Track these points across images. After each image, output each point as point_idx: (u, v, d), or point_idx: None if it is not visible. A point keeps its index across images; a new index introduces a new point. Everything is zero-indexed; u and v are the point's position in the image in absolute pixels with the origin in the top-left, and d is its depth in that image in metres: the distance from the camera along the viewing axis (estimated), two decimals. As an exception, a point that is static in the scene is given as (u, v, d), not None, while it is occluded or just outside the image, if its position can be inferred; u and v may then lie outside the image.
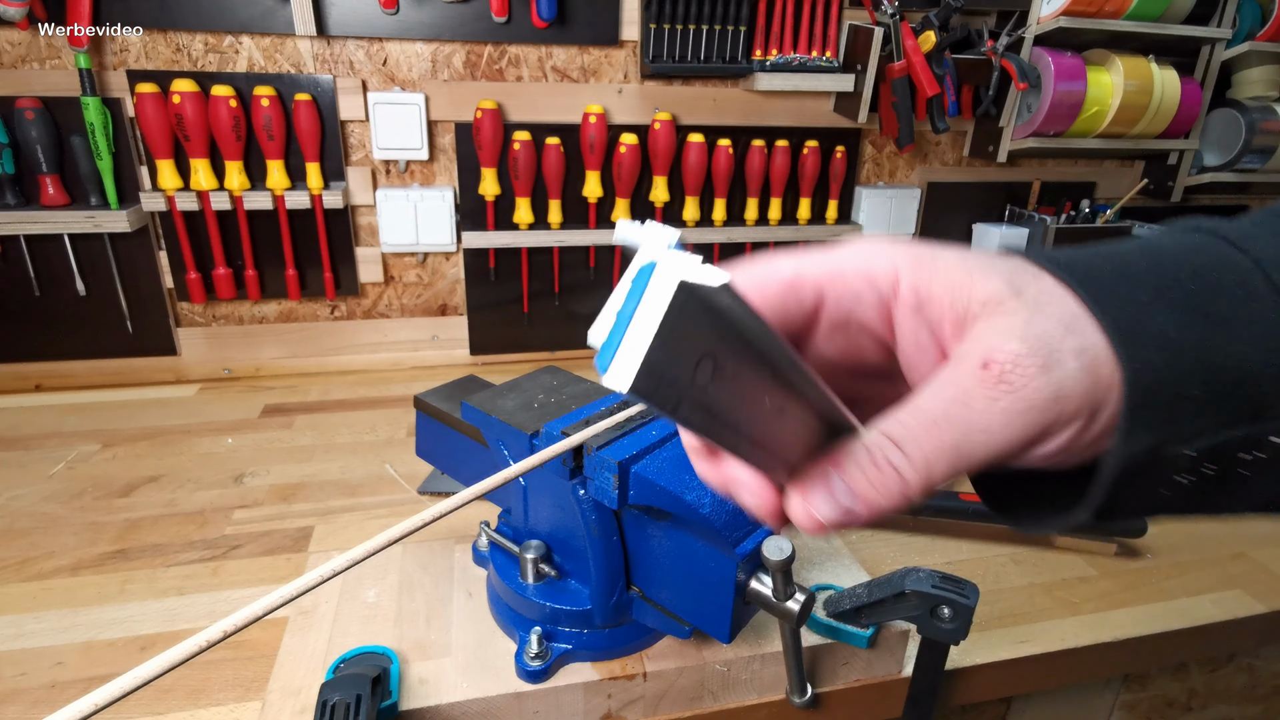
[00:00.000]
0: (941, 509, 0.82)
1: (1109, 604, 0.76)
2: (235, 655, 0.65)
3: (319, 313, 1.25)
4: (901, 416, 0.23)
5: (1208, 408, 0.23)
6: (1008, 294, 0.23)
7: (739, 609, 0.52)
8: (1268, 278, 0.24)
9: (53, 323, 1.14)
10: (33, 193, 1.07)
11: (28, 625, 0.68)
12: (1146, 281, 0.24)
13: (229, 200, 1.09)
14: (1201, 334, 0.23)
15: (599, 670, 0.58)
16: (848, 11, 1.22)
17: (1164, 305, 0.23)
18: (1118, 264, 0.24)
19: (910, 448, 0.22)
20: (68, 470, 0.94)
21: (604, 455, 0.49)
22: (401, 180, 1.20)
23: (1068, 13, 1.20)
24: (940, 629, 0.55)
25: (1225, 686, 0.88)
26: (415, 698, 0.55)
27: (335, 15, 1.07)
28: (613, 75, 1.20)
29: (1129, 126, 1.29)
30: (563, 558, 0.60)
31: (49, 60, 1.02)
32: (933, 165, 1.41)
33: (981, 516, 0.81)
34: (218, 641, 0.31)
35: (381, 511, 0.87)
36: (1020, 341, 0.22)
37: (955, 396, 0.22)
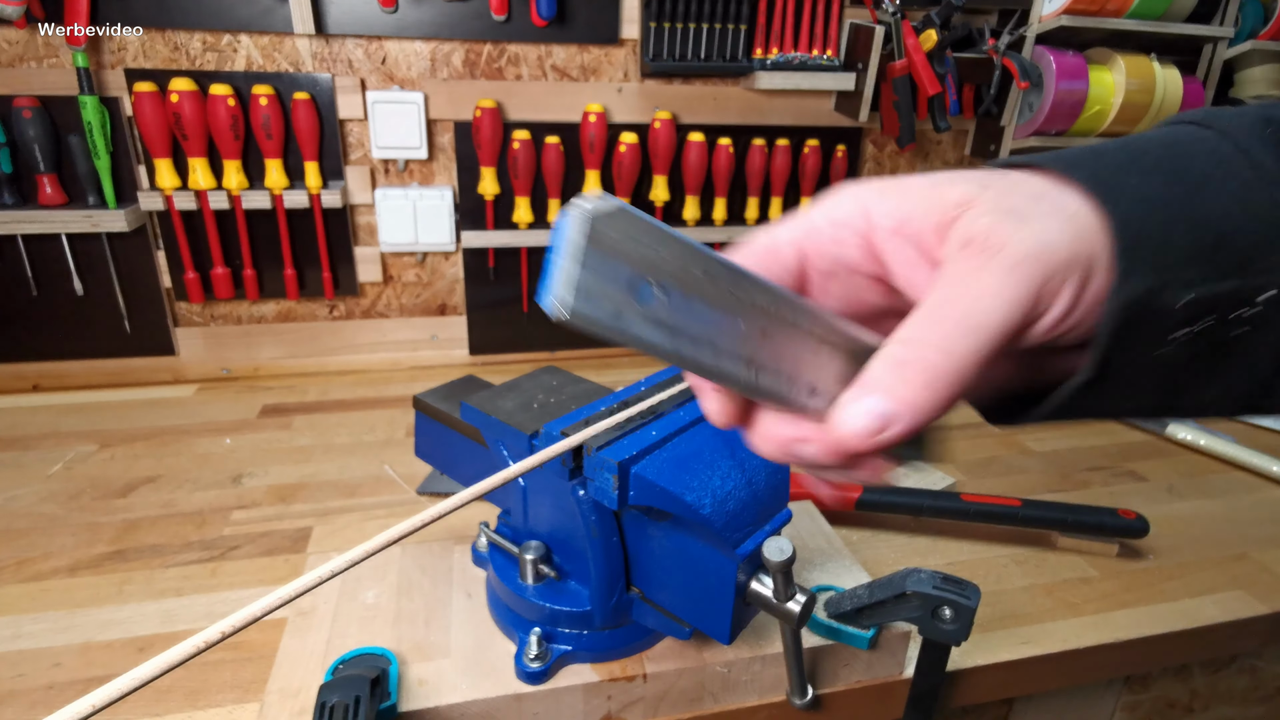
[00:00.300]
0: (944, 509, 0.81)
1: (1111, 605, 0.75)
2: (234, 656, 0.64)
3: (317, 312, 1.24)
4: (909, 319, 0.24)
5: (1195, 257, 0.23)
6: (977, 190, 0.24)
7: (739, 610, 0.52)
8: (1237, 146, 0.25)
9: (50, 322, 1.14)
10: (30, 192, 1.07)
11: (25, 626, 0.68)
12: (1118, 156, 0.25)
13: (227, 199, 1.09)
14: (1179, 192, 0.23)
15: (599, 671, 0.58)
16: (849, 10, 1.22)
17: (1139, 171, 0.24)
18: (1089, 150, 0.25)
19: (923, 334, 0.23)
20: (65, 470, 0.93)
21: (604, 455, 0.49)
22: (400, 179, 1.19)
23: (1069, 11, 1.19)
24: (941, 630, 0.55)
25: (1227, 688, 0.88)
26: (414, 699, 0.55)
27: (334, 14, 1.07)
28: (612, 74, 1.20)
29: (1131, 125, 1.29)
30: (562, 558, 0.59)
31: (46, 59, 1.02)
32: (934, 164, 1.41)
33: (985, 517, 0.81)
34: (216, 643, 0.31)
35: (380, 512, 0.86)
36: (992, 214, 0.23)
37: (949, 281, 0.23)
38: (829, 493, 0.82)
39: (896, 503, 0.82)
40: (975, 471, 1.00)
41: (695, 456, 0.51)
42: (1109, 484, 0.98)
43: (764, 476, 0.54)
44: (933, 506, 0.81)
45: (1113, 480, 0.99)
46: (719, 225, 1.29)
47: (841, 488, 0.82)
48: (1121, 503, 0.94)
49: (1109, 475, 1.00)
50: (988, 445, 1.07)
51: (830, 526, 0.75)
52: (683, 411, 0.54)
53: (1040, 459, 1.04)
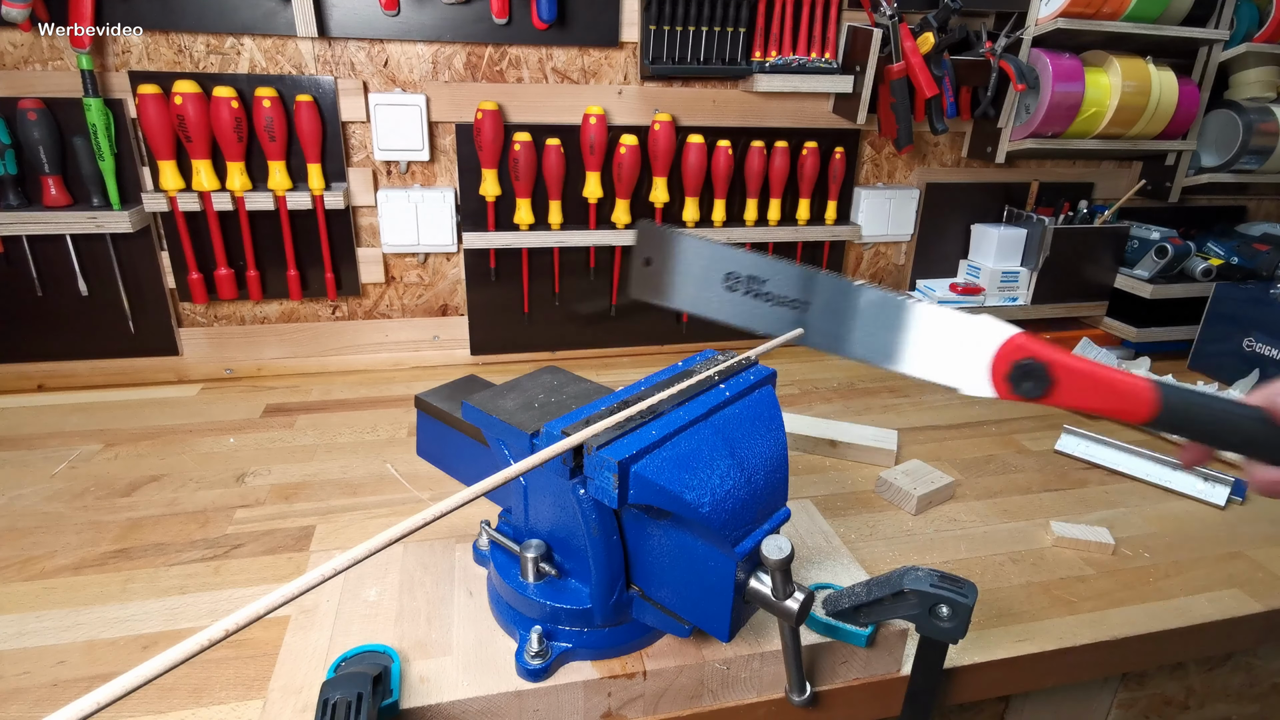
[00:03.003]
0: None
1: (1107, 603, 0.76)
2: (237, 654, 0.65)
3: (320, 313, 1.25)
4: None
5: None
6: None
7: (738, 608, 0.53)
8: None
9: (55, 323, 1.15)
10: (35, 193, 1.07)
11: (30, 624, 0.68)
12: None
13: (230, 201, 1.10)
14: None
15: (599, 669, 0.58)
16: (846, 13, 1.22)
17: None
18: None
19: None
20: (70, 470, 0.94)
21: (604, 455, 0.50)
22: (402, 181, 1.20)
23: (1066, 14, 1.20)
24: (939, 628, 0.55)
25: (1223, 685, 0.89)
26: (416, 696, 0.55)
27: (336, 17, 1.08)
28: (613, 76, 1.21)
29: (1127, 127, 1.29)
30: (563, 557, 0.60)
31: (51, 61, 1.03)
32: (931, 166, 1.42)
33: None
34: (219, 640, 0.31)
35: (382, 511, 0.87)
36: None
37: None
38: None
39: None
40: (972, 470, 1.00)
41: (695, 456, 0.52)
42: (1105, 483, 0.99)
43: (763, 475, 0.54)
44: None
45: (1109, 479, 1.00)
46: (718, 226, 1.29)
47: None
48: (1120, 501, 0.94)
49: (1105, 474, 1.01)
50: (985, 445, 1.08)
51: (828, 525, 0.76)
52: (682, 411, 0.55)
53: (1037, 458, 1.04)
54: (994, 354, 0.52)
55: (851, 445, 1.02)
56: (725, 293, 0.61)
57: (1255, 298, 1.30)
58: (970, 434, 1.11)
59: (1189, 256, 1.38)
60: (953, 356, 0.54)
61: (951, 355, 0.54)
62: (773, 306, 0.59)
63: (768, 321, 0.60)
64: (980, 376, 0.53)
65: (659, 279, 0.63)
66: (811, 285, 0.58)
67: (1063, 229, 1.35)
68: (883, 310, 0.55)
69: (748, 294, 0.60)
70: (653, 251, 0.63)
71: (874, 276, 1.48)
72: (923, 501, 0.90)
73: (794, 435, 1.03)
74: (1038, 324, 1.47)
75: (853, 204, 1.38)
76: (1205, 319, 1.37)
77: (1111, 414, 0.50)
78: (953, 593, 0.54)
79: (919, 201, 1.41)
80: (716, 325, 0.62)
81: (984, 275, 1.41)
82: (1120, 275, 1.42)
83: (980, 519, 0.90)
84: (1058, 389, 0.51)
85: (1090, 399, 0.50)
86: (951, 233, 1.46)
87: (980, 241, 1.44)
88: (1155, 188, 1.45)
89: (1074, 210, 1.42)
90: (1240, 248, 1.41)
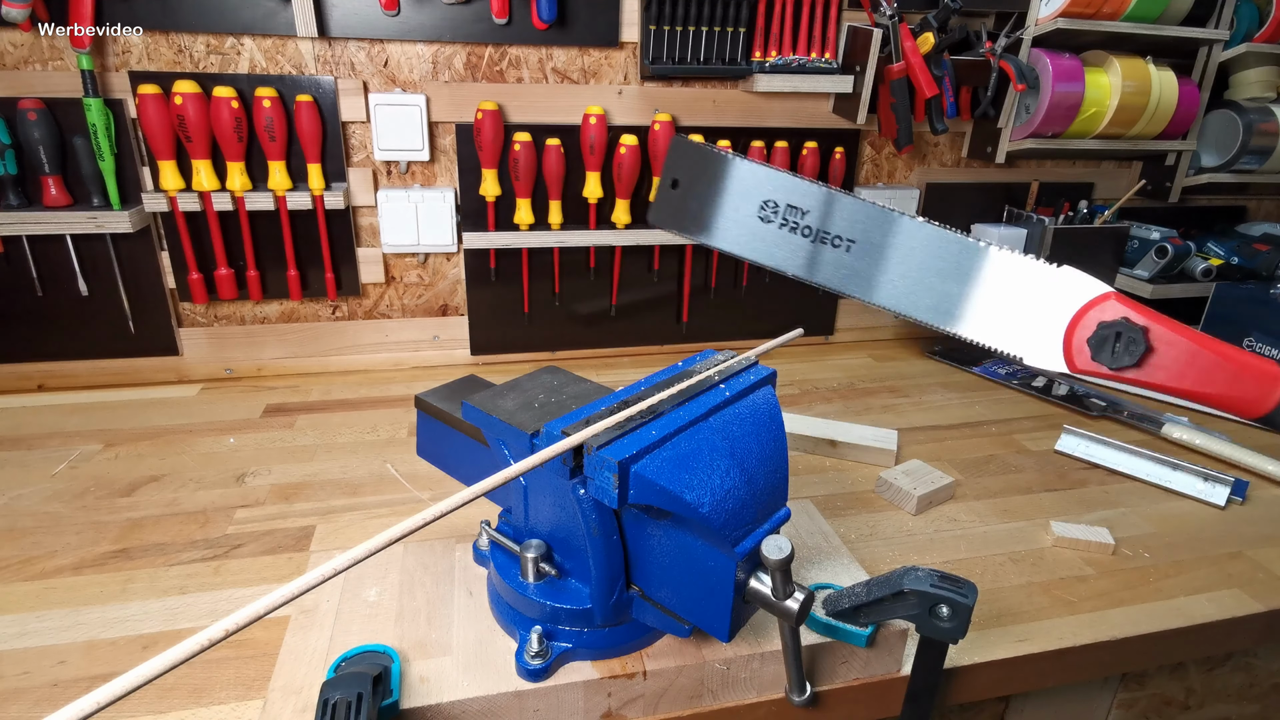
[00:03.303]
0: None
1: (1107, 603, 0.76)
2: (237, 654, 0.65)
3: (320, 313, 1.25)
4: None
5: None
6: None
7: (738, 608, 0.53)
8: None
9: (55, 323, 1.15)
10: (35, 193, 1.07)
11: (30, 624, 0.68)
12: None
13: (231, 201, 1.10)
14: None
15: (599, 669, 0.58)
16: (846, 13, 1.22)
17: None
18: None
19: None
20: (70, 470, 0.94)
21: (604, 455, 0.50)
22: (402, 181, 1.20)
23: (1066, 14, 1.20)
24: (939, 628, 0.55)
25: (1223, 685, 0.89)
26: (416, 696, 0.55)
27: (336, 17, 1.08)
28: (613, 76, 1.21)
29: (1127, 127, 1.29)
30: (563, 557, 0.60)
31: (51, 61, 1.03)
32: (931, 166, 1.42)
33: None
34: (219, 640, 0.31)
35: (383, 511, 0.87)
36: None
37: None
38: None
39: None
40: (972, 470, 1.00)
41: (695, 455, 0.52)
42: (1104, 483, 0.99)
43: (763, 475, 0.55)
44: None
45: (1108, 479, 1.00)
46: (718, 227, 1.29)
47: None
48: (1120, 501, 0.94)
49: (1105, 474, 1.01)
50: (985, 445, 1.08)
51: (828, 525, 0.76)
52: (683, 411, 0.55)
53: (1036, 458, 1.04)
54: (1074, 313, 0.43)
55: (851, 445, 1.02)
56: (759, 224, 0.54)
57: (1255, 298, 1.30)
58: (970, 434, 1.11)
59: (1189, 256, 1.38)
60: (1023, 316, 0.45)
61: (1022, 314, 0.45)
62: (812, 244, 0.52)
63: (799, 262, 0.53)
64: (1052, 342, 0.44)
65: (684, 205, 0.56)
66: (861, 220, 0.50)
67: (1063, 229, 1.35)
68: (946, 255, 0.47)
69: (783, 226, 0.53)
70: (683, 172, 0.56)
71: (874, 276, 1.48)
72: (923, 501, 0.90)
73: (794, 435, 1.03)
74: (1038, 324, 1.47)
75: (853, 204, 1.38)
76: (1205, 319, 1.37)
77: (1217, 401, 0.40)
78: (953, 593, 0.54)
79: (919, 201, 1.41)
80: (717, 325, 0.61)
81: (984, 275, 1.40)
82: (1120, 275, 1.42)
83: (980, 519, 0.90)
84: (1153, 361, 0.42)
85: (1192, 378, 0.40)
86: (951, 233, 1.46)
87: (980, 241, 1.44)
88: (1155, 188, 1.45)
89: (1074, 210, 1.42)
90: (1240, 248, 1.41)
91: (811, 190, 0.52)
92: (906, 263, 0.48)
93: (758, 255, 0.55)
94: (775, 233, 0.54)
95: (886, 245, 0.49)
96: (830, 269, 0.52)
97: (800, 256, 0.53)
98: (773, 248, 0.54)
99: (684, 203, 0.57)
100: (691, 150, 0.56)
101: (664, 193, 0.58)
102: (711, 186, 0.55)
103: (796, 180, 0.53)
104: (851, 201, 0.51)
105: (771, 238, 0.54)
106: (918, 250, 0.48)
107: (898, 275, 0.49)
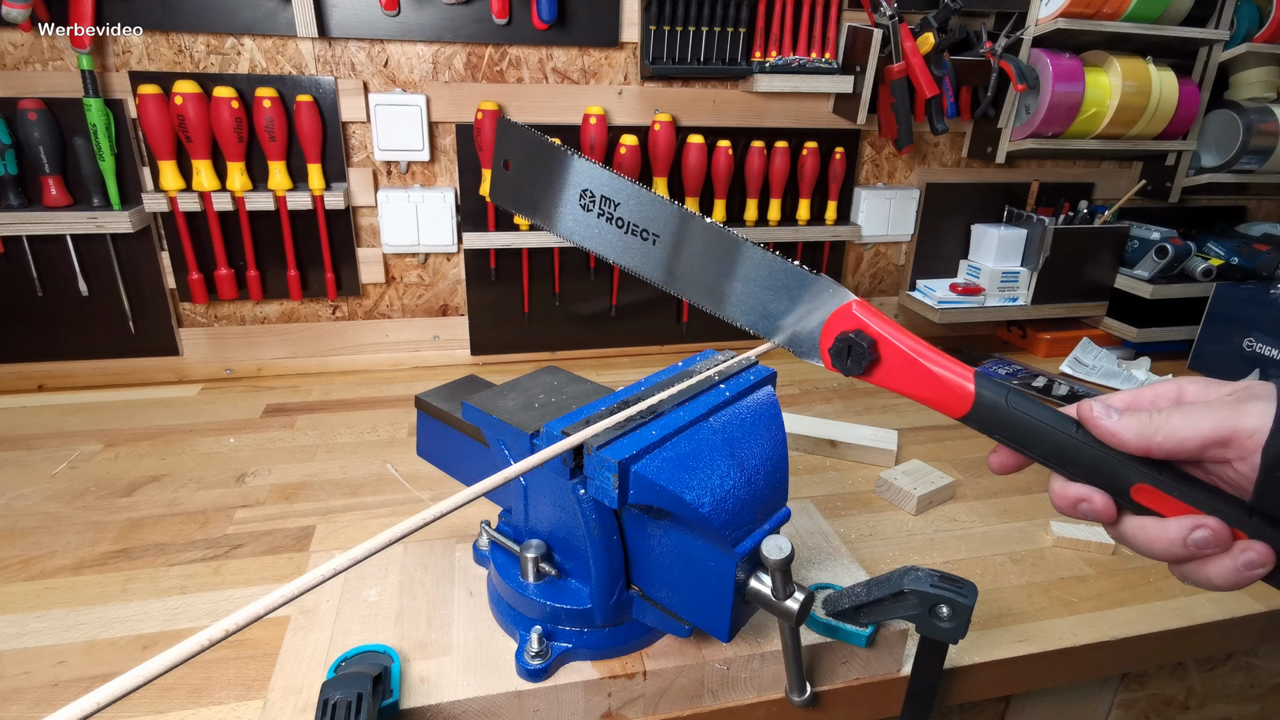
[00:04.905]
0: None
1: (1107, 603, 0.76)
2: (237, 654, 0.65)
3: (320, 313, 1.25)
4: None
5: None
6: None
7: (738, 608, 0.53)
8: None
9: (55, 323, 1.15)
10: (35, 193, 1.07)
11: (30, 624, 0.68)
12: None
13: (231, 201, 1.10)
14: None
15: (599, 669, 0.58)
16: (847, 13, 1.22)
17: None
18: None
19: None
20: (70, 470, 0.94)
21: (604, 455, 0.50)
22: (403, 181, 1.20)
23: (1066, 14, 1.20)
24: (939, 628, 0.55)
25: (1223, 685, 0.89)
26: (416, 696, 0.55)
27: (337, 17, 1.08)
28: (613, 77, 1.21)
29: (1127, 128, 1.29)
30: (563, 557, 0.60)
31: (51, 61, 1.03)
32: (931, 166, 1.42)
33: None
34: (219, 640, 0.31)
35: (383, 511, 0.87)
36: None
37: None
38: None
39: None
40: (972, 470, 1.00)
41: (695, 456, 0.52)
42: (1106, 484, 0.98)
43: (763, 475, 0.55)
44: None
45: (1110, 480, 0.99)
46: (719, 227, 1.29)
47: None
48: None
49: (1106, 475, 1.01)
50: (986, 445, 1.07)
51: (828, 525, 0.76)
52: (683, 411, 0.55)
53: (1038, 459, 1.04)
54: (825, 320, 0.49)
55: (851, 445, 1.02)
56: (580, 212, 0.57)
57: (1255, 298, 1.30)
58: (970, 434, 1.11)
59: (1189, 256, 1.38)
60: (786, 316, 0.50)
61: (785, 314, 0.50)
62: (624, 234, 0.56)
63: (617, 250, 0.56)
64: (812, 344, 0.50)
65: (516, 186, 0.59)
66: (660, 215, 0.54)
67: (1063, 229, 1.35)
68: (718, 249, 0.52)
69: (600, 216, 0.56)
70: (512, 153, 0.58)
71: (874, 276, 1.48)
72: (923, 501, 0.90)
73: (794, 435, 1.03)
74: (1038, 324, 1.47)
75: (853, 204, 1.38)
76: (1205, 319, 1.37)
77: (929, 404, 0.47)
78: (953, 593, 0.54)
79: (919, 201, 1.41)
80: (717, 325, 0.61)
81: (984, 275, 1.41)
82: (1120, 275, 1.42)
83: (980, 519, 0.90)
84: (880, 369, 0.47)
85: (908, 384, 0.47)
86: (951, 233, 1.46)
87: (980, 241, 1.44)
88: (1155, 188, 1.45)
89: (1074, 210, 1.42)
90: (1240, 248, 1.41)
91: (615, 182, 0.56)
92: (695, 256, 0.54)
93: (584, 242, 0.58)
94: (596, 221, 0.57)
95: (680, 238, 0.55)
96: (643, 258, 0.56)
97: (619, 248, 0.57)
98: (595, 235, 0.57)
99: (517, 185, 0.60)
100: (512, 130, 0.59)
101: (499, 172, 0.61)
102: (534, 170, 0.59)
103: (598, 170, 0.56)
104: (648, 195, 0.55)
105: (594, 226, 0.57)
106: (702, 246, 0.54)
107: (691, 268, 0.54)
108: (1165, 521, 0.41)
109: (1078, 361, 1.38)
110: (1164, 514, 0.41)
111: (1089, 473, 0.43)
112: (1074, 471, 0.43)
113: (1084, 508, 0.43)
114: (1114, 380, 1.31)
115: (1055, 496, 0.44)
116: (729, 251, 0.53)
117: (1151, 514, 0.41)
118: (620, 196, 0.56)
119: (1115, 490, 0.42)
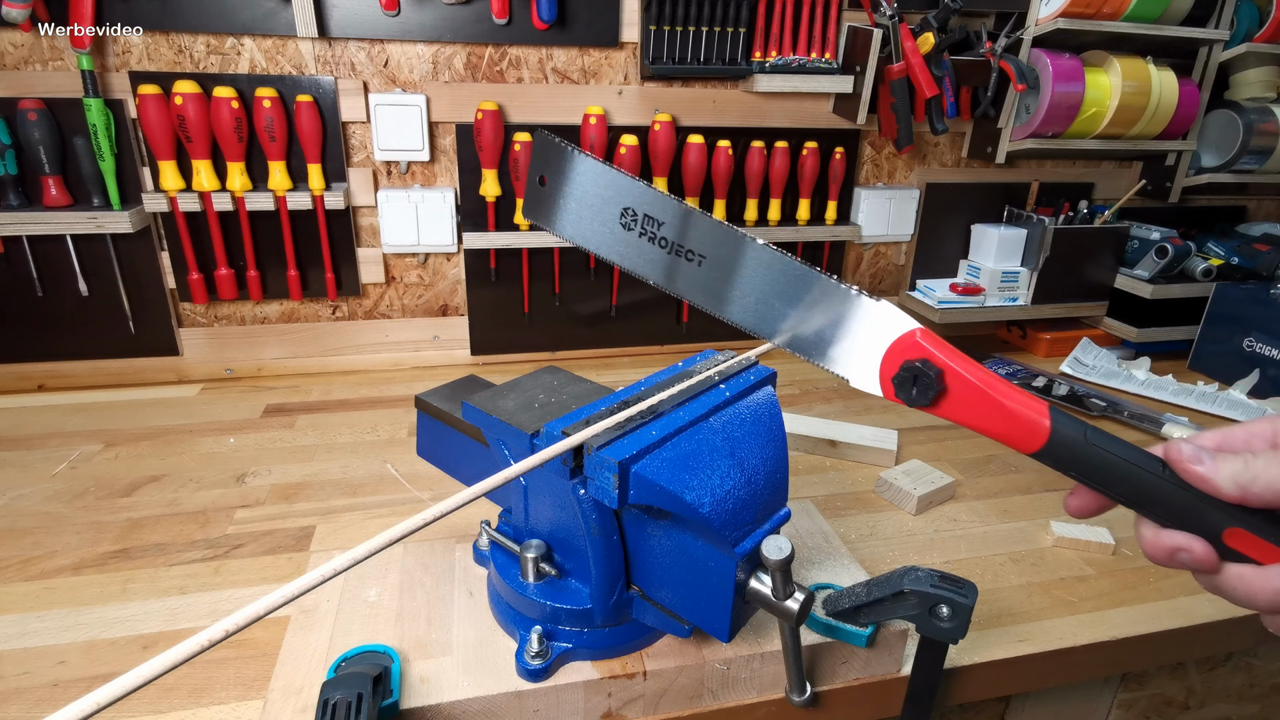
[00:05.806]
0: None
1: (1107, 603, 0.76)
2: (237, 654, 0.65)
3: (320, 313, 1.25)
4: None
5: None
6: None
7: (738, 608, 0.53)
8: None
9: (55, 323, 1.15)
10: (35, 193, 1.07)
11: (30, 624, 0.68)
12: None
13: (231, 201, 1.10)
14: None
15: (599, 669, 0.58)
16: (847, 13, 1.22)
17: None
18: None
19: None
20: (70, 470, 0.94)
21: (604, 455, 0.50)
22: (403, 181, 1.20)
23: (1066, 14, 1.20)
24: (939, 628, 0.55)
25: (1223, 685, 0.89)
26: (416, 696, 0.55)
27: (336, 17, 1.08)
28: (613, 77, 1.21)
29: (1127, 128, 1.29)
30: (563, 557, 0.60)
31: (51, 62, 1.03)
32: (931, 166, 1.42)
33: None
34: (219, 640, 0.31)
35: (383, 511, 0.87)
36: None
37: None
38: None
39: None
40: (972, 470, 1.00)
41: (695, 456, 0.52)
42: (1106, 484, 0.99)
43: (763, 475, 0.55)
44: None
45: (1110, 480, 0.99)
46: (719, 227, 1.29)
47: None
48: (1118, 502, 0.94)
49: (1106, 475, 1.01)
50: (985, 445, 1.08)
51: (828, 525, 0.76)
52: (683, 411, 0.55)
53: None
54: (887, 348, 0.47)
55: (851, 445, 1.02)
56: (620, 230, 0.56)
57: (1255, 298, 1.30)
58: (970, 434, 1.11)
59: (1189, 256, 1.38)
60: (847, 343, 0.49)
61: (845, 341, 0.49)
62: (668, 254, 0.54)
63: (658, 270, 0.55)
64: (871, 372, 0.48)
65: (553, 202, 0.58)
66: (709, 237, 0.53)
67: (1063, 229, 1.35)
68: (778, 278, 0.51)
69: (642, 236, 0.55)
70: (549, 170, 0.58)
71: (874, 276, 1.48)
72: (923, 501, 0.90)
73: (794, 435, 1.03)
74: (1038, 324, 1.47)
75: (853, 204, 1.38)
76: (1205, 319, 1.37)
77: (998, 438, 0.44)
78: (953, 593, 0.54)
79: (919, 201, 1.41)
80: (717, 325, 0.61)
81: (984, 275, 1.41)
82: (1120, 275, 1.42)
83: (980, 519, 0.90)
84: (946, 400, 0.45)
85: (978, 418, 0.44)
86: (952, 233, 1.46)
87: (980, 241, 1.44)
88: (1155, 188, 1.45)
89: (1074, 210, 1.42)
90: (1240, 248, 1.41)
91: (660, 201, 0.55)
92: (748, 280, 0.53)
93: (623, 261, 0.57)
94: (636, 240, 0.56)
95: (730, 261, 0.53)
96: (687, 279, 0.55)
97: (661, 268, 0.56)
98: (634, 254, 0.56)
99: (553, 201, 0.59)
100: (551, 147, 0.58)
101: (533, 188, 0.59)
102: (574, 186, 0.58)
103: (642, 188, 0.55)
104: (695, 215, 0.54)
105: (633, 244, 0.56)
106: (758, 272, 0.52)
107: (743, 293, 0.53)
108: (1266, 570, 0.38)
109: (1078, 361, 1.38)
110: (1261, 561, 0.38)
111: (1177, 516, 0.40)
112: (1159, 513, 0.40)
113: (1183, 557, 0.40)
114: (1114, 380, 1.31)
115: (1147, 545, 0.41)
116: (790, 283, 0.51)
117: (1246, 560, 0.39)
118: (664, 216, 0.54)
119: (1205, 535, 0.39)
